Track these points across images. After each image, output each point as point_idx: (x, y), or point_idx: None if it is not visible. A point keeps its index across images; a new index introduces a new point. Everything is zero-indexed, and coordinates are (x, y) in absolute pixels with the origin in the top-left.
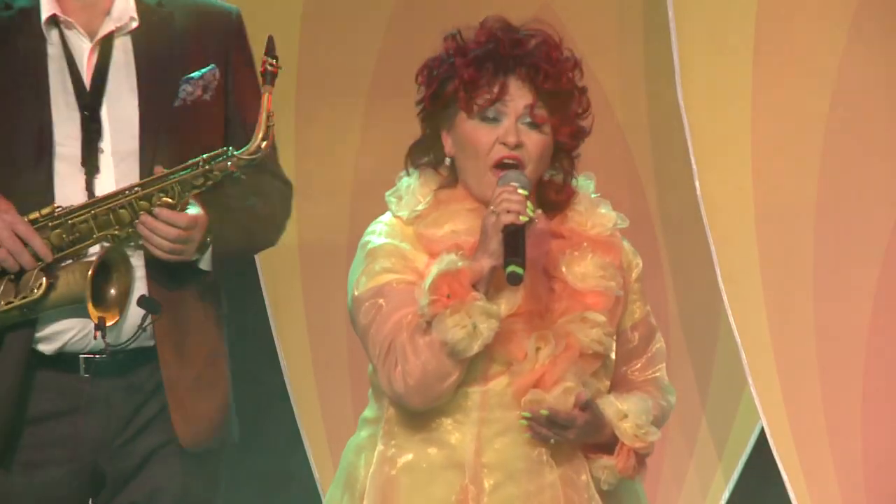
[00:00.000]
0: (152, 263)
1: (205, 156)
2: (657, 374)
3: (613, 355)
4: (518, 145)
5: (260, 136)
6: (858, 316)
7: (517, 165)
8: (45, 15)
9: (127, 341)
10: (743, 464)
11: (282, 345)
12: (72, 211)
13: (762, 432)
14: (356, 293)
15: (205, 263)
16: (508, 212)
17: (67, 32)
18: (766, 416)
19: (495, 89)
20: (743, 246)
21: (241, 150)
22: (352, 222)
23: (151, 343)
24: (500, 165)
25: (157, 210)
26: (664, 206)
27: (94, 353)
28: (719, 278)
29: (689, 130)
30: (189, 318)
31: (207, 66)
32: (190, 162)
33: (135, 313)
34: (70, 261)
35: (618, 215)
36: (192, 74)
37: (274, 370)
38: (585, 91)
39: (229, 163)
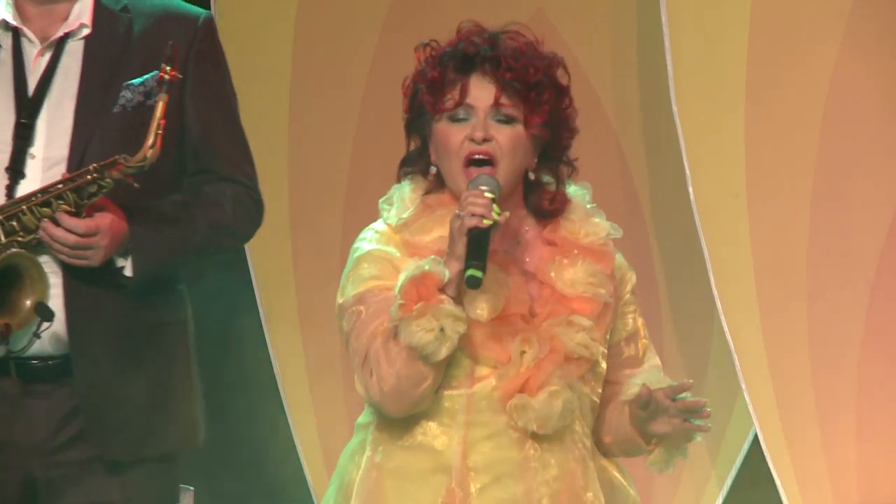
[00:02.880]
0: (71, 271)
1: (94, 164)
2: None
3: (604, 364)
4: (486, 140)
5: (148, 143)
6: (853, 321)
7: (490, 161)
8: None
9: (23, 348)
10: (736, 469)
11: (275, 350)
12: None
13: (756, 438)
14: (340, 300)
15: (128, 270)
16: (473, 215)
17: (21, 38)
18: (760, 421)
19: (458, 89)
20: (736, 251)
21: (130, 158)
22: (345, 225)
23: (60, 353)
24: (473, 163)
25: (58, 216)
26: (657, 211)
27: (30, 359)
28: (712, 283)
29: (682, 135)
30: (113, 326)
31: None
32: (82, 169)
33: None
34: None
35: (611, 225)
36: (133, 80)
37: (267, 376)
38: (564, 88)
39: (117, 170)
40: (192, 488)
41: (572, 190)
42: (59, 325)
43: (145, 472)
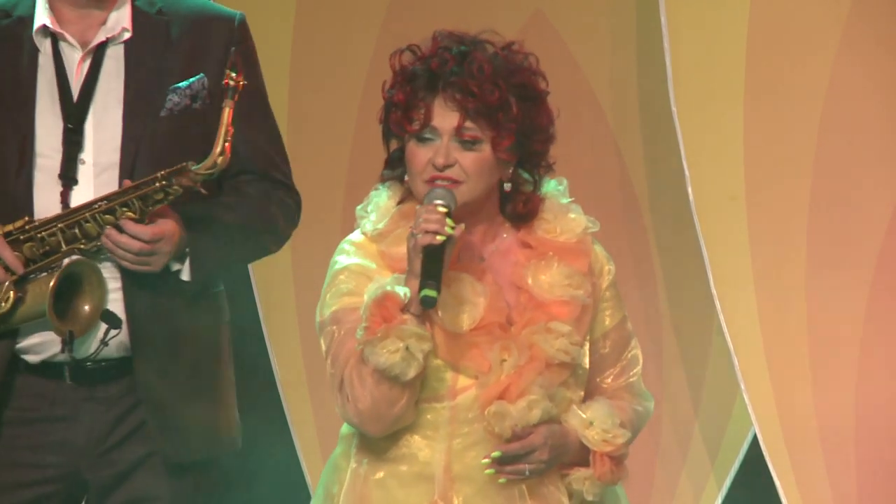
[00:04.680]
0: (129, 276)
1: (163, 171)
2: (632, 381)
3: (587, 364)
4: (448, 165)
5: (217, 150)
6: (852, 320)
7: (452, 184)
8: (36, 25)
9: (90, 355)
10: (736, 470)
11: (274, 351)
12: (42, 224)
13: (755, 438)
14: (319, 318)
15: (185, 274)
16: (426, 232)
17: (61, 43)
18: (759, 421)
19: (421, 112)
20: (735, 251)
21: (198, 165)
22: (344, 224)
23: (119, 355)
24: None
25: (122, 222)
26: (656, 212)
27: (84, 361)
28: (711, 283)
29: (681, 136)
30: (171, 330)
31: (198, 74)
32: (149, 177)
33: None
34: (44, 273)
35: (588, 219)
36: (180, 84)
37: (266, 377)
38: (536, 97)
39: (186, 178)
40: None
41: (549, 186)
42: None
43: (193, 474)
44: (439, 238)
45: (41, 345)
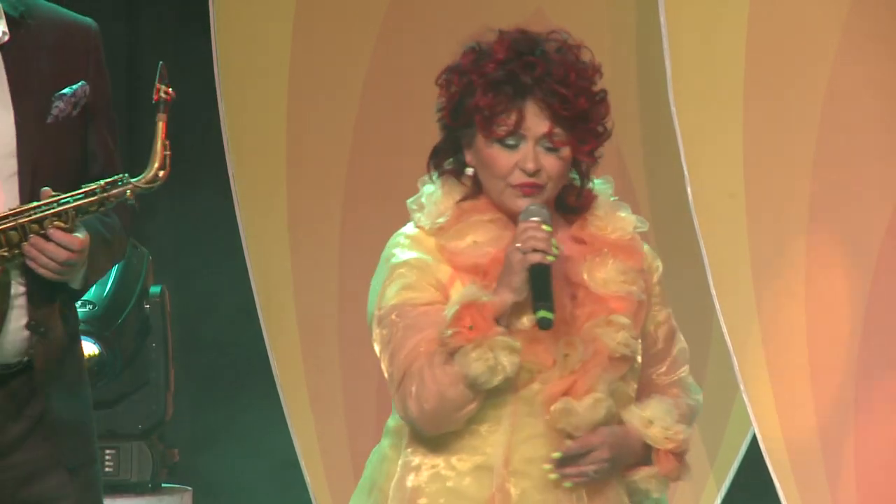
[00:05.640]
0: (35, 283)
1: (102, 182)
2: (682, 376)
3: (640, 359)
4: (537, 171)
5: (157, 164)
6: (851, 321)
7: (538, 188)
8: None
9: (16, 363)
10: (735, 470)
11: (273, 351)
12: None
13: (754, 438)
14: (377, 312)
15: (76, 283)
16: (535, 250)
17: None
18: (758, 422)
19: (512, 118)
20: (735, 251)
21: (137, 178)
22: (343, 225)
23: (17, 359)
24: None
25: (50, 231)
26: (656, 211)
27: None
28: (711, 284)
29: (680, 135)
30: (57, 336)
31: (73, 81)
32: (87, 188)
33: (8, 331)
34: None
35: (637, 218)
36: (64, 90)
37: (266, 377)
38: (605, 96)
39: (128, 190)
40: (189, 489)
41: (596, 184)
42: (20, 334)
43: (86, 475)
44: (549, 258)
45: None
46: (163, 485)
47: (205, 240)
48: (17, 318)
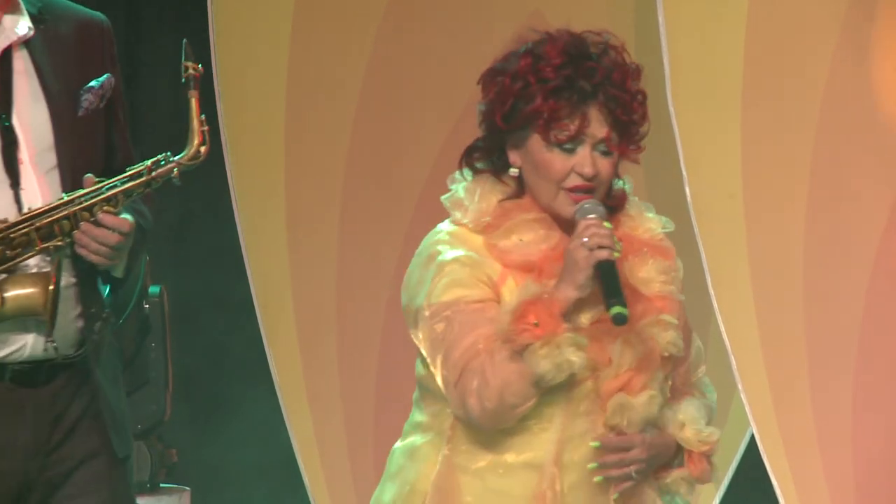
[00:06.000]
0: (84, 273)
1: (148, 162)
2: (700, 377)
3: None
4: (594, 175)
5: (197, 140)
6: (849, 320)
7: (591, 191)
8: None
9: (78, 352)
10: (733, 470)
11: (272, 351)
12: (13, 224)
13: (752, 438)
14: (426, 311)
15: (118, 271)
16: (601, 247)
17: None
18: (757, 422)
19: (576, 122)
20: (733, 251)
21: (180, 156)
22: (342, 224)
23: (70, 352)
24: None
25: (101, 216)
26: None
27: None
28: (709, 284)
29: (678, 136)
30: (105, 327)
31: (93, 75)
32: (133, 170)
33: (62, 322)
34: (4, 274)
35: (663, 219)
36: (92, 83)
37: (265, 376)
38: (646, 98)
39: (175, 169)
40: (188, 489)
41: (617, 183)
42: (73, 325)
43: (125, 467)
44: (615, 255)
45: None
46: (161, 485)
47: (204, 239)
48: (70, 309)
